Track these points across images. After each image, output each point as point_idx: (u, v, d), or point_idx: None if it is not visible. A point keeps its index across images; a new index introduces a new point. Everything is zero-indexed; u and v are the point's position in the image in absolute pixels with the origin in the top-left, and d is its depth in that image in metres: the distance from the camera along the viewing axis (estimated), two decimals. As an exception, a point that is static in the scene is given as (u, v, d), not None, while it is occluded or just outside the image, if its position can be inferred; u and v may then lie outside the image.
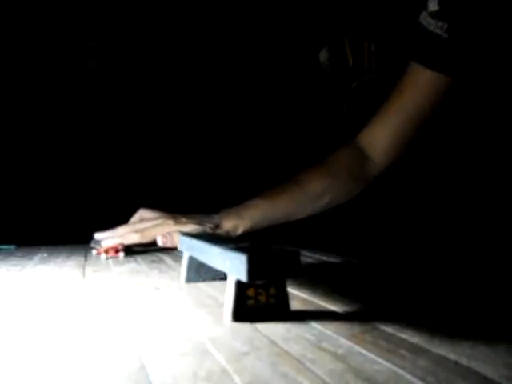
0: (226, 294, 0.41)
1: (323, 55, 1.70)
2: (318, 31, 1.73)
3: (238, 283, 0.39)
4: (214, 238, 0.51)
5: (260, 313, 0.40)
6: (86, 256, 0.89)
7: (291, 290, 0.52)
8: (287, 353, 0.32)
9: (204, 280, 0.58)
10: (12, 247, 1.05)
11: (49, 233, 1.32)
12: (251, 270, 0.36)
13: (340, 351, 0.32)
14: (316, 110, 1.72)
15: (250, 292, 0.39)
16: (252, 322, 0.39)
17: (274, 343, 0.34)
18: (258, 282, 0.39)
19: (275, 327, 0.38)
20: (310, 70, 1.72)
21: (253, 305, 0.40)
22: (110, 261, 0.82)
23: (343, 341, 0.34)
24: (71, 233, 1.38)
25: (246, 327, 0.38)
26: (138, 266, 0.75)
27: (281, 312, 0.41)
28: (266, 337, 0.36)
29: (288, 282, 0.42)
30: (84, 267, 0.75)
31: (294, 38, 1.73)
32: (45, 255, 0.90)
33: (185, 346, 0.33)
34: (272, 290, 0.40)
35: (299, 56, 1.73)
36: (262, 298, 0.40)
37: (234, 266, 0.39)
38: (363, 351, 0.32)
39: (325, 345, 0.33)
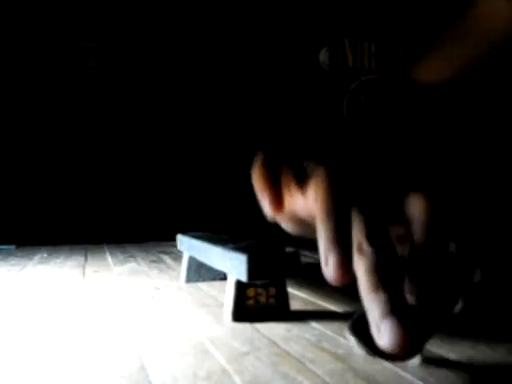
0: (226, 293, 0.41)
1: (323, 55, 1.71)
2: (317, 31, 1.73)
3: (238, 283, 0.39)
4: (213, 238, 0.51)
5: (260, 313, 0.40)
6: (85, 256, 0.89)
7: (291, 290, 0.52)
8: (287, 353, 0.32)
9: (204, 280, 0.58)
10: (12, 247, 1.05)
11: (49, 233, 1.32)
12: (251, 270, 0.36)
13: (340, 351, 0.32)
14: (316, 110, 1.72)
15: (250, 292, 0.39)
16: (252, 322, 0.39)
17: (274, 343, 0.34)
18: (258, 282, 0.40)
19: (275, 327, 0.38)
20: (310, 70, 1.72)
21: (253, 305, 0.40)
22: (110, 260, 0.82)
23: (343, 341, 0.34)
24: (71, 233, 1.38)
25: (245, 327, 0.38)
26: (137, 266, 0.75)
27: (281, 312, 0.41)
28: (266, 337, 0.36)
29: (288, 282, 0.42)
30: (84, 267, 0.75)
31: (294, 37, 1.73)
32: (45, 255, 0.90)
33: (185, 346, 0.33)
34: (272, 290, 0.40)
35: (299, 56, 1.73)
36: (262, 298, 0.40)
37: (234, 266, 0.39)
38: (363, 351, 0.31)
39: (325, 345, 0.33)
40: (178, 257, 0.84)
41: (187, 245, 0.55)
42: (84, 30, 1.59)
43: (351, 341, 0.26)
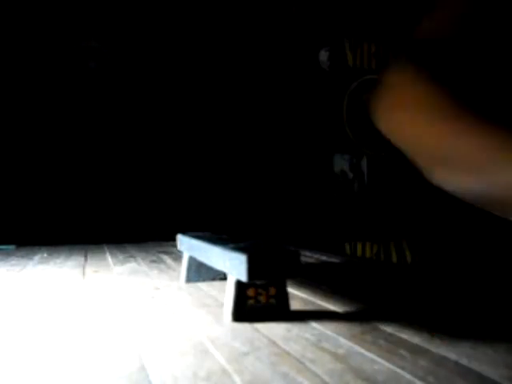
0: (226, 293, 0.41)
1: (323, 55, 1.71)
2: (318, 31, 1.73)
3: (238, 283, 0.39)
4: (213, 238, 0.51)
5: (260, 313, 0.40)
6: (85, 256, 0.89)
7: (291, 290, 0.51)
8: (287, 353, 0.32)
9: (204, 280, 0.58)
10: (12, 247, 1.05)
11: (49, 233, 1.32)
12: (251, 269, 0.36)
13: (340, 351, 0.32)
14: (315, 110, 1.72)
15: (250, 292, 0.39)
16: (252, 322, 0.39)
17: (273, 343, 0.34)
18: (258, 282, 0.40)
19: (275, 327, 0.38)
20: (309, 70, 1.72)
21: (253, 305, 0.40)
22: (110, 260, 0.82)
23: (343, 341, 0.34)
24: (71, 233, 1.38)
25: (246, 327, 0.38)
26: (137, 266, 0.75)
27: (281, 312, 0.41)
28: (266, 337, 0.36)
29: (288, 282, 0.42)
30: (84, 267, 0.75)
31: (294, 37, 1.73)
32: (45, 255, 0.90)
33: (185, 346, 0.33)
34: (272, 290, 0.40)
35: (299, 56, 1.73)
36: (262, 298, 0.40)
37: (234, 265, 0.39)
38: (363, 351, 0.31)
39: (325, 345, 0.33)
40: (178, 257, 0.84)
41: (187, 245, 0.55)
42: (85, 30, 1.59)
43: None
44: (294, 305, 0.45)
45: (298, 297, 0.49)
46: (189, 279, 0.58)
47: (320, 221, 1.69)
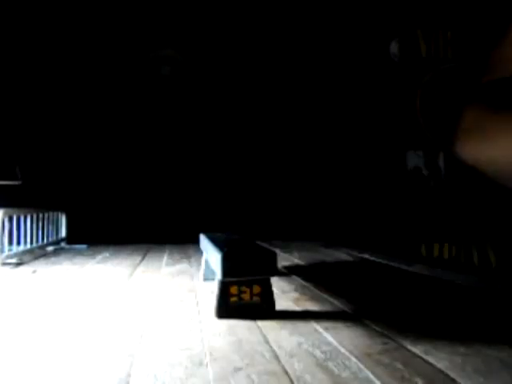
0: (215, 291, 0.42)
1: (394, 46, 1.60)
2: (388, 21, 1.63)
3: (221, 281, 0.40)
4: (222, 237, 0.52)
5: (243, 310, 0.40)
6: (144, 256, 0.92)
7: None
8: (284, 372, 0.29)
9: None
10: (84, 247, 1.13)
11: (119, 233, 1.40)
12: (225, 268, 0.38)
13: (344, 374, 0.28)
14: (387, 104, 1.62)
15: (233, 290, 0.40)
16: (265, 335, 0.37)
17: (276, 359, 0.31)
18: (238, 280, 0.40)
19: (287, 339, 0.35)
20: (380, 62, 1.63)
21: (236, 302, 0.40)
22: (165, 261, 0.84)
23: (353, 361, 0.30)
24: (138, 232, 1.44)
25: (258, 338, 0.36)
26: (187, 267, 0.76)
27: (266, 310, 0.41)
28: (272, 351, 0.33)
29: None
30: (136, 267, 0.77)
31: (364, 28, 1.65)
32: (107, 255, 0.95)
33: (181, 356, 0.32)
34: (256, 289, 0.40)
35: (369, 48, 1.65)
36: (246, 296, 0.40)
37: (217, 264, 0.40)
38: (371, 377, 0.27)
39: (330, 365, 0.30)
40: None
41: (203, 244, 0.56)
42: (161, 37, 1.66)
43: None
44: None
45: (325, 299, 0.46)
46: (206, 277, 0.59)
47: (393, 221, 1.59)
